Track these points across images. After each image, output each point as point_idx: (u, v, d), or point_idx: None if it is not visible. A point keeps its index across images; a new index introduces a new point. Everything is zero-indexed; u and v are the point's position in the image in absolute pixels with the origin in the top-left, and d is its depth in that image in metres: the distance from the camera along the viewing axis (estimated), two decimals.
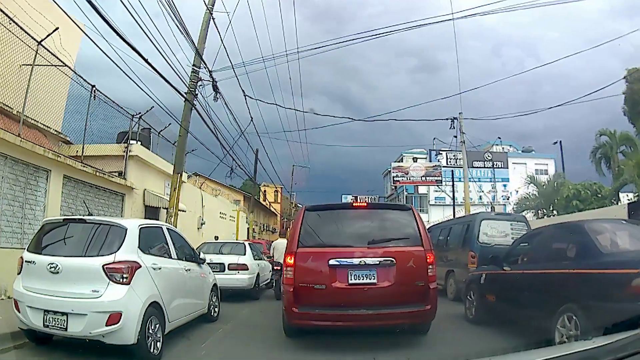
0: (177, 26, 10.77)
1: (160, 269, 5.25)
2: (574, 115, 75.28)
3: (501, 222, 10.75)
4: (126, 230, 4.99)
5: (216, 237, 16.54)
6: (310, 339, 6.11)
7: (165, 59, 10.52)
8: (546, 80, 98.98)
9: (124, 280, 4.64)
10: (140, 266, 4.86)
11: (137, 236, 5.07)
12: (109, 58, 9.33)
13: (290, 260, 5.63)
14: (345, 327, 5.66)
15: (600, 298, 4.39)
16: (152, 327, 4.88)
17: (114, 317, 4.49)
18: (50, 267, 4.69)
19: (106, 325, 4.48)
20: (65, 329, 4.60)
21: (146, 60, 9.52)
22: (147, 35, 9.52)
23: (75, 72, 11.91)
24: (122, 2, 8.51)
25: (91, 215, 6.47)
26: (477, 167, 34.96)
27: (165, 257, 5.71)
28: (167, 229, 6.15)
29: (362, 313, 5.44)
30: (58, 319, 4.61)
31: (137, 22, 9.04)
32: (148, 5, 9.96)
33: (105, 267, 4.61)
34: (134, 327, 4.55)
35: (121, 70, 9.72)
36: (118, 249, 4.79)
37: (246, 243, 11.65)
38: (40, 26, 10.45)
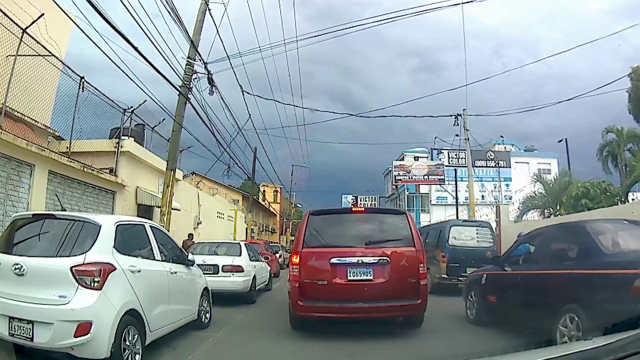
0: (169, 13, 10.20)
1: (139, 271, 4.63)
2: (574, 116, 75.06)
3: (468, 227, 12.50)
4: (99, 227, 4.38)
5: (190, 235, 15.77)
6: (309, 346, 6.02)
7: (159, 51, 9.97)
8: (548, 81, 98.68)
9: (95, 284, 4.04)
10: (115, 268, 4.25)
11: (112, 234, 4.48)
12: (102, 51, 8.84)
13: (295, 260, 6.23)
14: (345, 318, 6.22)
15: (603, 299, 4.39)
16: (130, 338, 4.29)
17: (83, 327, 3.90)
18: (15, 269, 4.13)
19: (75, 337, 3.89)
20: (31, 339, 4.03)
21: (136, 49, 8.98)
22: (141, 28, 8.99)
23: (63, 63, 11.35)
24: None
25: (64, 210, 5.87)
26: (480, 167, 34.28)
27: (146, 258, 5.09)
28: (151, 226, 5.51)
29: (360, 306, 6.04)
30: (23, 327, 4.04)
31: (130, 13, 8.52)
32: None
33: (73, 269, 4.01)
34: (107, 339, 3.96)
35: (114, 63, 9.19)
36: (89, 249, 4.19)
37: (242, 243, 11.07)
38: (29, 16, 9.95)
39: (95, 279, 4.05)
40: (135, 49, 8.92)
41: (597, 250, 4.89)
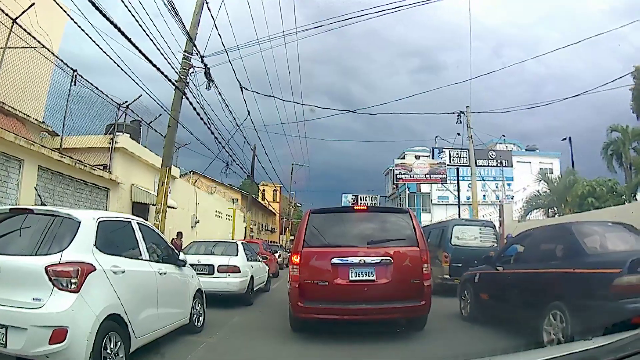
0: (164, 3, 9.82)
1: (123, 272, 4.25)
2: (573, 116, 74.75)
3: (471, 227, 12.29)
4: (79, 223, 3.99)
5: (179, 234, 15.22)
6: (309, 349, 5.91)
7: (156, 46, 9.62)
8: (548, 81, 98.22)
9: (72, 286, 3.65)
10: (95, 269, 3.87)
11: (93, 231, 4.09)
12: (97, 45, 8.51)
13: (296, 259, 6.05)
14: (346, 320, 6.03)
15: (585, 296, 4.62)
16: (111, 346, 3.90)
17: (59, 334, 3.51)
18: None
19: (50, 344, 3.51)
20: (5, 345, 3.64)
21: (130, 40, 8.61)
22: (137, 22, 8.64)
23: (55, 56, 10.98)
24: None
25: (44, 205, 5.50)
26: (481, 166, 33.85)
27: (132, 257, 4.71)
28: (138, 223, 5.10)
29: (362, 307, 5.87)
30: None
31: (127, 7, 8.17)
32: None
33: (48, 269, 3.63)
34: (84, 347, 3.57)
35: (110, 59, 8.87)
36: (67, 247, 3.81)
37: (239, 242, 10.66)
38: (20, 7, 9.56)
39: (72, 280, 3.67)
40: (129, 40, 8.56)
41: (580, 251, 5.11)
